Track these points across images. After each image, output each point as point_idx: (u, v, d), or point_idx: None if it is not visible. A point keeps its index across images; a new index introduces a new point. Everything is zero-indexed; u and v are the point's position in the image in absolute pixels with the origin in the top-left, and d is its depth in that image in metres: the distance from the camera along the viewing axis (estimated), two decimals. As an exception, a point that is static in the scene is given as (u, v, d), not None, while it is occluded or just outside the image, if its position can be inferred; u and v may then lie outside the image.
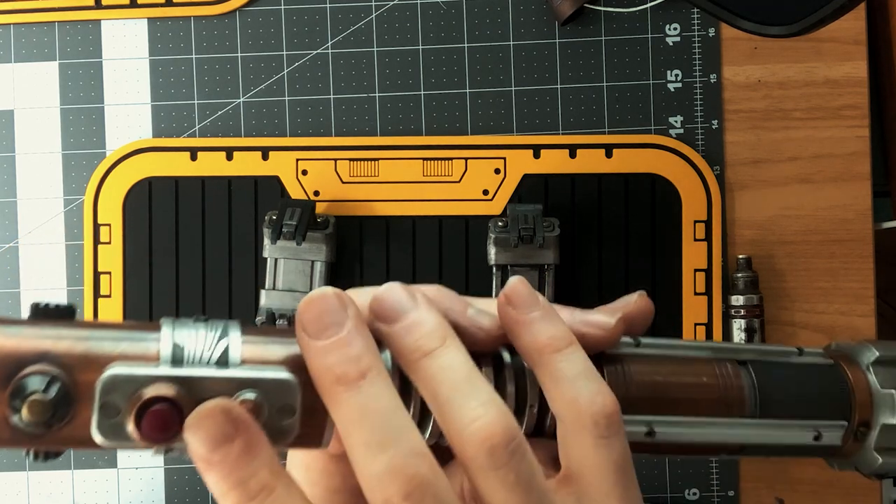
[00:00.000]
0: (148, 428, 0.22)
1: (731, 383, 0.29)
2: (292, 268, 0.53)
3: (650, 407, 0.28)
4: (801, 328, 0.56)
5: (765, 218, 0.56)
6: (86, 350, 0.23)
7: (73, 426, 0.23)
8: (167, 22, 0.57)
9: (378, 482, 0.23)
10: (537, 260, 0.52)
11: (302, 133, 0.57)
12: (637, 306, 0.29)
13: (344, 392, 0.23)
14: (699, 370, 0.29)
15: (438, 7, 0.56)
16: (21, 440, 0.23)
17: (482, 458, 0.23)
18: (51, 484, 0.56)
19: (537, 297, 0.27)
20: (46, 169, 0.57)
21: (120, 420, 0.23)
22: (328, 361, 0.23)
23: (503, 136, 0.56)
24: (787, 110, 0.56)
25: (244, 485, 0.22)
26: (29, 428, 0.22)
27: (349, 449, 0.23)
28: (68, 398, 0.22)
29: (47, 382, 0.22)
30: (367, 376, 0.23)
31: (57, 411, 0.22)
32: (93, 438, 0.23)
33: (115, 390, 0.23)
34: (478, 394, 0.24)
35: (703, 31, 0.56)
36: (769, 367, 0.30)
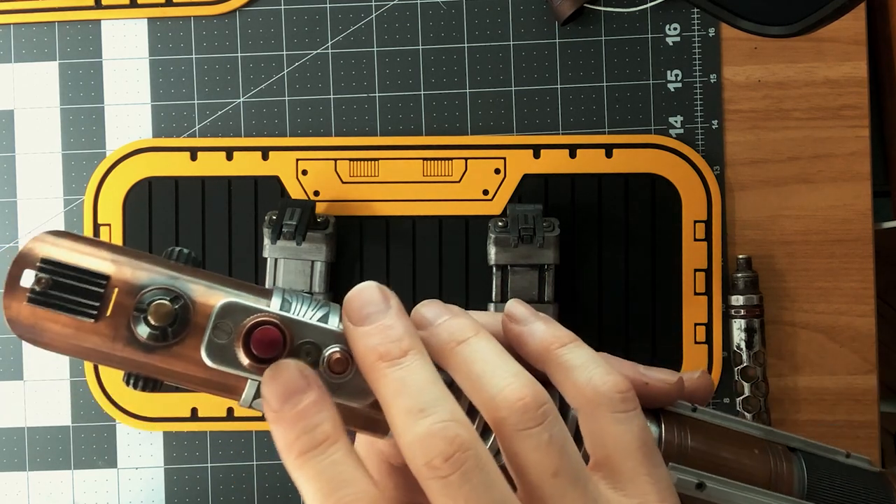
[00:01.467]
0: (255, 344, 0.25)
1: (780, 462, 0.30)
2: (292, 268, 0.53)
3: (703, 464, 0.29)
4: (801, 328, 0.56)
5: (765, 218, 0.56)
6: (207, 286, 0.26)
7: (183, 346, 0.25)
8: (167, 22, 0.57)
9: (420, 445, 0.24)
10: (537, 260, 0.52)
11: (302, 133, 0.57)
12: (699, 382, 0.31)
13: (386, 367, 0.25)
14: (751, 442, 0.30)
15: (438, 7, 0.56)
16: (135, 350, 0.25)
17: (516, 417, 0.25)
18: (51, 484, 0.56)
19: (537, 312, 0.29)
20: (46, 169, 0.57)
21: (229, 342, 0.25)
22: (372, 342, 0.25)
23: (503, 136, 0.56)
24: (787, 110, 0.56)
25: (310, 433, 0.24)
26: (147, 336, 0.25)
27: (391, 420, 0.25)
28: (186, 317, 0.25)
29: (173, 296, 0.25)
30: (408, 354, 0.25)
31: (175, 322, 0.25)
32: (201, 358, 0.25)
33: (228, 315, 0.25)
34: (509, 366, 0.26)
35: (703, 31, 0.56)
36: (819, 458, 0.30)
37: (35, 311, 0.25)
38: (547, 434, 0.25)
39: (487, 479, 0.23)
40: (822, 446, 0.31)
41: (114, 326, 0.25)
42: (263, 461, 0.56)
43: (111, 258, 0.25)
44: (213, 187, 0.56)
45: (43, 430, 0.57)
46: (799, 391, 0.56)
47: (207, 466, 0.56)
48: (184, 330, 0.25)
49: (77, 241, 0.26)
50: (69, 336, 0.25)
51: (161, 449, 0.56)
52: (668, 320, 0.55)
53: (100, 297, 0.25)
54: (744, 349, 0.54)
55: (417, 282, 0.56)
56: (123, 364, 0.26)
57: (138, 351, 0.25)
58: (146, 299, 0.25)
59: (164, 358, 0.25)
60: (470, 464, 0.23)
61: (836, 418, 0.56)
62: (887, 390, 1.03)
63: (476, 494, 0.23)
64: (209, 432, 0.56)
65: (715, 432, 0.30)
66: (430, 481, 0.23)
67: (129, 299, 0.25)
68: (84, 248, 0.25)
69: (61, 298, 0.25)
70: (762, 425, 0.31)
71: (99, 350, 0.25)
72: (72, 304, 0.25)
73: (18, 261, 0.25)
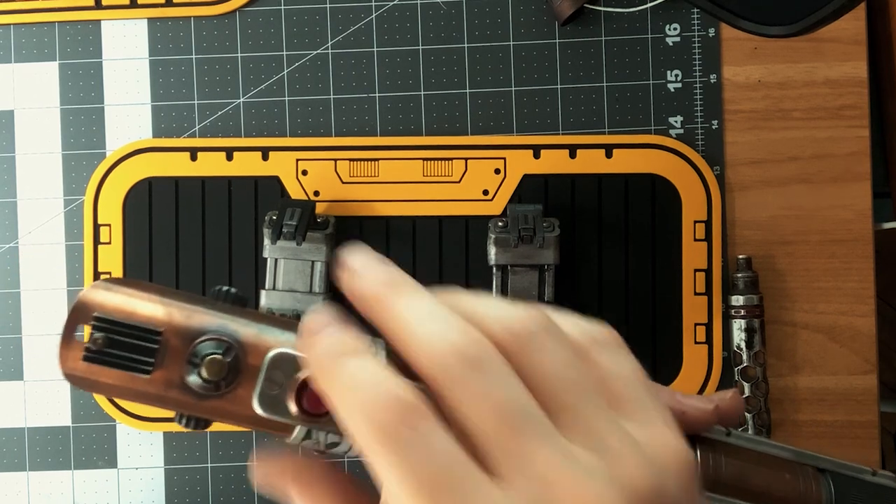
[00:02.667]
0: (308, 402, 0.25)
1: (810, 485, 0.30)
2: (292, 268, 0.53)
3: (736, 492, 0.29)
4: (801, 328, 0.56)
5: (765, 218, 0.56)
6: (258, 331, 0.26)
7: (235, 395, 0.26)
8: (167, 22, 0.57)
9: (436, 341, 0.23)
10: (537, 260, 0.52)
11: (302, 133, 0.57)
12: (731, 402, 0.31)
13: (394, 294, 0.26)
14: (782, 466, 0.30)
15: (438, 7, 0.56)
16: (188, 397, 0.26)
17: (530, 329, 0.24)
18: (51, 484, 0.56)
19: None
20: (46, 169, 0.57)
21: (280, 394, 0.26)
22: (380, 277, 0.27)
23: (503, 136, 0.56)
24: (787, 110, 0.56)
25: (342, 342, 0.24)
26: (200, 387, 0.25)
27: (399, 334, 0.24)
28: (238, 367, 0.26)
29: (225, 348, 0.26)
30: (414, 287, 0.26)
31: (228, 374, 0.25)
32: (253, 408, 0.26)
33: (280, 367, 0.26)
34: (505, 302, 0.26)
35: (703, 31, 0.56)
36: (847, 479, 0.31)
37: (91, 367, 0.26)
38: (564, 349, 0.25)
39: (507, 374, 0.23)
40: (849, 465, 0.31)
41: (167, 376, 0.26)
42: (263, 461, 0.56)
43: (163, 306, 0.26)
44: (213, 187, 0.56)
45: (43, 430, 0.57)
46: (799, 391, 0.56)
47: (207, 466, 0.56)
48: (235, 380, 0.26)
49: (130, 291, 0.26)
50: (124, 388, 0.26)
51: (161, 449, 0.56)
52: (668, 320, 0.55)
53: (153, 353, 0.26)
54: (744, 349, 0.54)
55: (418, 282, 0.56)
56: (177, 407, 0.26)
57: (191, 397, 0.26)
58: (199, 352, 0.26)
59: (217, 404, 0.26)
60: (489, 355, 0.23)
61: (836, 418, 0.56)
62: (887, 390, 1.03)
63: (498, 387, 0.23)
64: (209, 432, 0.56)
65: (748, 457, 0.30)
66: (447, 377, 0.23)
67: (182, 350, 0.26)
68: (137, 299, 0.26)
69: (116, 356, 0.25)
70: (792, 447, 0.31)
71: (153, 397, 0.26)
72: (126, 361, 0.26)
73: (74, 315, 0.26)
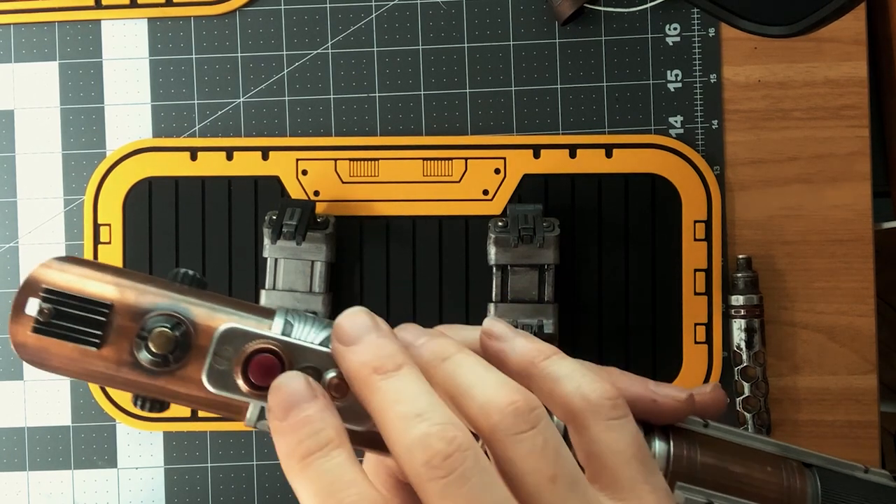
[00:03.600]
0: (253, 372, 0.26)
1: (794, 480, 0.29)
2: (292, 268, 0.53)
3: (713, 482, 0.28)
4: (801, 328, 0.56)
5: (765, 218, 0.56)
6: (210, 310, 0.26)
7: (186, 370, 0.26)
8: (167, 22, 0.57)
9: (418, 446, 0.23)
10: (537, 260, 0.52)
11: (302, 133, 0.57)
12: (711, 395, 0.31)
13: (381, 380, 0.25)
14: (764, 459, 0.30)
15: (438, 7, 0.56)
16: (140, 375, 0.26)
17: (508, 421, 0.24)
18: (51, 484, 0.56)
19: (515, 329, 0.29)
20: (46, 169, 0.57)
21: (229, 369, 0.26)
22: (365, 357, 0.25)
23: (503, 136, 0.56)
24: (787, 110, 0.56)
25: (313, 437, 0.24)
26: (150, 363, 0.25)
27: (386, 428, 0.24)
28: (188, 342, 0.26)
29: (174, 322, 0.26)
30: (402, 368, 0.25)
31: (177, 349, 0.25)
32: (203, 382, 0.26)
33: (229, 341, 0.26)
34: (495, 376, 0.26)
35: (703, 31, 0.56)
36: (835, 475, 0.30)
37: (40, 339, 0.25)
38: (541, 437, 0.24)
39: (487, 479, 0.23)
40: (840, 462, 0.30)
41: (117, 352, 0.26)
42: (263, 461, 0.56)
43: (114, 284, 0.26)
44: (213, 187, 0.56)
45: (43, 430, 0.57)
46: (799, 391, 0.56)
47: (207, 466, 0.56)
48: (185, 355, 0.26)
49: (82, 267, 0.26)
50: (74, 362, 0.26)
51: (161, 449, 0.56)
52: (668, 320, 0.55)
53: (102, 326, 0.25)
54: (744, 349, 0.54)
55: (417, 282, 0.56)
56: (128, 386, 0.26)
57: (142, 375, 0.26)
58: (148, 326, 0.25)
59: (168, 381, 0.26)
60: (469, 464, 0.23)
61: (836, 418, 0.56)
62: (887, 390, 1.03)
63: (475, 494, 0.23)
64: (209, 432, 0.56)
65: (726, 449, 0.29)
66: (428, 483, 0.23)
67: (131, 325, 0.26)
68: (88, 274, 0.26)
69: (64, 328, 0.25)
70: (777, 441, 0.30)
71: (103, 374, 0.26)
72: (75, 333, 0.25)
73: (24, 289, 0.25)
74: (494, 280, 0.53)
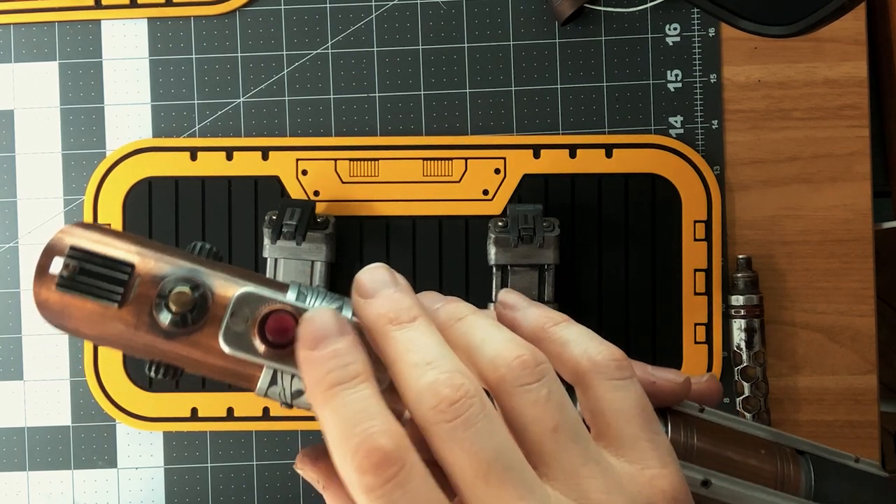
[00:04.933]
0: (270, 331, 0.26)
1: (788, 464, 0.30)
2: (292, 268, 0.53)
3: (709, 463, 0.29)
4: (801, 328, 0.56)
5: (765, 218, 0.56)
6: (226, 278, 0.27)
7: (202, 333, 0.26)
8: (167, 22, 0.57)
9: (427, 392, 0.24)
10: (537, 260, 0.52)
11: (302, 133, 0.57)
12: (707, 385, 0.32)
13: (395, 330, 0.26)
14: (758, 444, 0.30)
15: (438, 7, 0.56)
16: (157, 337, 0.26)
17: (514, 374, 0.25)
18: (51, 484, 0.56)
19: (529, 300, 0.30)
20: (46, 169, 0.57)
21: (245, 330, 0.26)
22: (382, 309, 0.26)
23: (503, 136, 0.56)
24: (787, 110, 0.56)
25: (342, 369, 0.25)
26: (168, 323, 0.26)
27: (399, 376, 0.25)
28: (205, 305, 0.26)
29: (193, 285, 0.26)
30: (416, 320, 0.26)
31: (195, 309, 0.26)
32: (219, 345, 0.26)
33: (246, 304, 0.27)
34: (505, 333, 0.27)
35: (703, 31, 0.56)
36: (828, 463, 0.30)
37: (63, 297, 0.26)
38: (546, 389, 0.25)
39: (491, 425, 0.24)
40: (831, 450, 0.31)
41: (137, 312, 0.26)
42: (263, 461, 0.56)
43: (136, 249, 0.27)
44: (213, 187, 0.56)
45: (43, 430, 0.57)
46: (799, 391, 0.56)
47: (207, 466, 0.56)
48: (203, 317, 0.26)
49: (104, 233, 0.27)
50: (94, 321, 0.26)
51: (161, 449, 0.56)
52: (668, 320, 0.55)
53: (124, 284, 0.26)
54: (744, 349, 0.54)
55: (417, 282, 0.56)
56: (146, 350, 0.27)
57: (159, 337, 0.26)
58: (167, 287, 0.26)
59: (185, 345, 0.27)
60: (475, 409, 0.24)
61: (836, 418, 0.56)
62: (887, 390, 1.03)
63: (480, 439, 0.24)
64: (209, 432, 0.56)
65: (721, 433, 0.30)
66: (434, 426, 0.24)
67: (151, 287, 0.26)
68: (111, 239, 0.27)
69: (88, 284, 0.26)
70: (770, 428, 0.31)
71: (122, 336, 0.27)
72: (97, 290, 0.26)
73: (48, 250, 0.26)
74: (494, 280, 0.53)
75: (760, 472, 0.29)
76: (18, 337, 0.57)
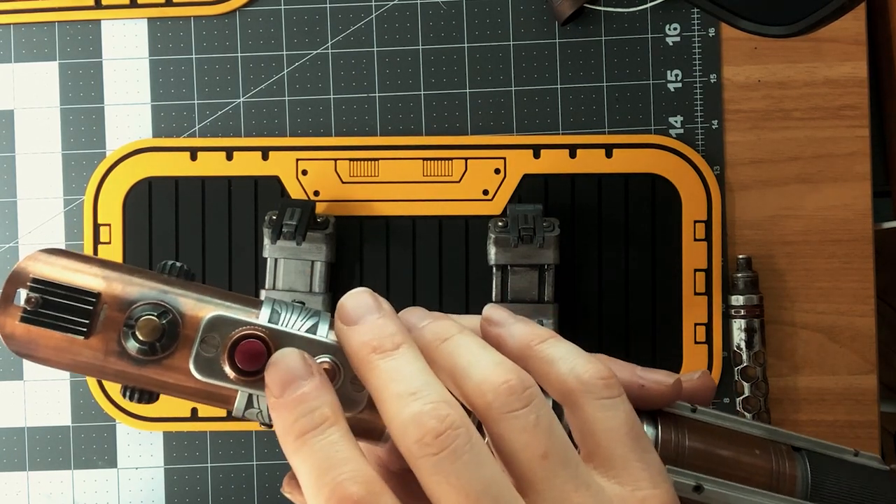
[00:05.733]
0: (240, 358, 0.26)
1: (783, 463, 0.29)
2: (292, 268, 0.53)
3: (701, 466, 0.28)
4: (801, 328, 0.56)
5: (765, 218, 0.56)
6: (196, 300, 0.26)
7: (173, 359, 0.26)
8: (167, 22, 0.57)
9: (411, 424, 0.24)
10: (537, 260, 0.52)
11: (302, 133, 0.57)
12: (699, 382, 0.31)
13: (379, 359, 0.25)
14: (752, 443, 0.29)
15: (438, 7, 0.56)
16: (127, 365, 0.26)
17: (502, 399, 0.25)
18: (51, 484, 0.56)
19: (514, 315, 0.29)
20: (46, 169, 0.57)
21: (216, 356, 0.26)
22: (365, 338, 0.26)
23: (503, 136, 0.56)
24: (787, 110, 0.56)
25: (309, 415, 0.24)
26: (137, 351, 0.25)
27: (382, 406, 0.25)
28: (175, 331, 0.26)
29: (161, 311, 0.26)
30: (400, 347, 0.25)
31: (164, 337, 0.25)
32: (190, 370, 0.26)
33: (216, 329, 0.26)
34: (492, 356, 0.26)
35: (703, 31, 0.56)
36: (824, 458, 0.30)
37: (28, 329, 0.26)
38: (534, 415, 0.25)
39: (478, 457, 0.23)
40: (829, 445, 0.30)
41: (105, 342, 0.26)
42: (263, 461, 0.56)
43: (102, 275, 0.26)
44: (213, 187, 0.56)
45: (43, 430, 0.57)
46: (799, 391, 0.56)
47: (207, 466, 0.56)
48: (173, 344, 0.26)
49: (69, 259, 0.26)
50: (62, 352, 0.26)
51: (161, 449, 0.56)
52: (668, 320, 0.55)
53: (89, 315, 0.25)
54: (744, 349, 0.54)
55: (417, 282, 0.56)
56: (117, 377, 0.26)
57: (130, 364, 0.26)
58: (135, 315, 0.26)
59: (156, 371, 0.26)
60: (461, 441, 0.23)
61: (836, 418, 0.56)
62: (887, 390, 1.03)
63: (467, 471, 0.23)
64: (209, 432, 0.56)
65: (714, 433, 0.29)
66: (420, 460, 0.23)
67: (118, 315, 0.26)
68: (75, 266, 0.26)
69: (52, 317, 0.25)
70: (766, 425, 0.30)
71: (92, 364, 0.26)
72: (62, 322, 0.25)
73: (12, 279, 0.26)
74: (494, 280, 0.53)
75: (755, 470, 0.29)
76: (18, 337, 0.57)
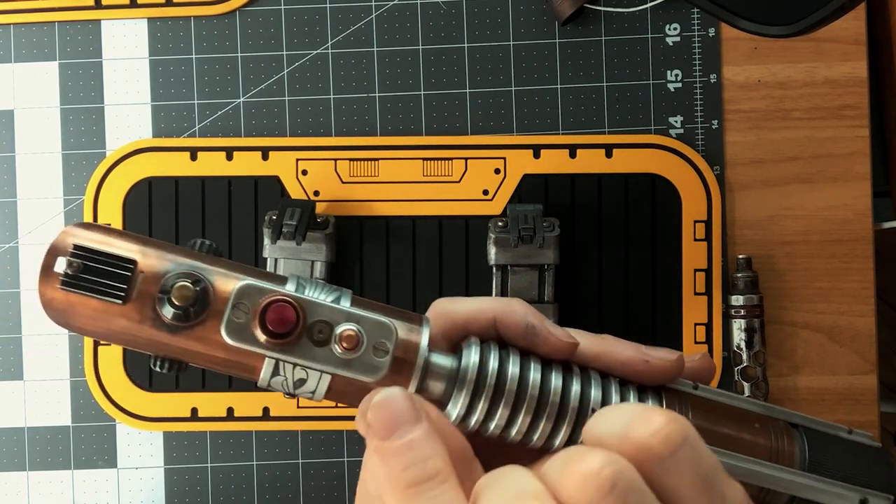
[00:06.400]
0: (271, 321, 0.27)
1: (782, 437, 0.30)
2: (292, 268, 0.53)
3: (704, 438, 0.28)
4: (801, 328, 0.56)
5: (765, 218, 0.56)
6: (226, 273, 0.28)
7: (205, 327, 0.27)
8: (167, 22, 0.57)
9: None
10: (537, 260, 0.52)
11: (302, 133, 0.57)
12: (700, 363, 0.31)
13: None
14: (752, 418, 0.30)
15: (438, 7, 0.56)
16: (161, 332, 0.27)
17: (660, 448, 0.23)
18: (51, 484, 0.56)
19: None
20: (46, 169, 0.57)
21: (247, 321, 0.27)
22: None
23: (503, 136, 0.56)
24: (787, 110, 0.56)
25: (420, 465, 0.23)
26: (171, 317, 0.26)
27: None
28: (207, 299, 0.27)
29: (194, 279, 0.27)
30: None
31: (196, 303, 0.27)
32: (221, 337, 0.27)
33: (246, 296, 0.27)
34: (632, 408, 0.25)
35: (703, 31, 0.56)
36: (820, 434, 0.31)
37: (67, 295, 0.27)
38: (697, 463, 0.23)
39: None
40: (824, 423, 0.31)
41: (140, 308, 0.27)
42: (263, 461, 0.56)
43: (138, 247, 0.27)
44: (213, 187, 0.56)
45: (43, 430, 0.57)
46: (799, 391, 0.56)
47: (207, 466, 0.56)
48: (204, 311, 0.27)
49: (106, 232, 0.27)
50: (99, 318, 0.27)
51: (161, 449, 0.56)
52: (668, 320, 0.55)
53: (127, 281, 0.27)
54: (744, 349, 0.54)
55: (417, 282, 0.56)
56: (150, 345, 0.27)
57: (163, 332, 0.27)
58: (169, 283, 0.27)
59: (188, 339, 0.27)
60: None
61: (836, 418, 0.56)
62: (887, 390, 1.03)
63: None
64: (209, 432, 0.56)
65: (716, 409, 0.30)
66: None
67: (153, 283, 0.27)
68: (113, 238, 0.27)
69: (91, 282, 0.26)
70: (763, 403, 0.31)
71: (127, 332, 0.27)
72: (101, 287, 0.27)
73: (52, 250, 0.27)
74: (494, 280, 0.53)
75: (755, 445, 0.29)
76: (18, 337, 0.57)
